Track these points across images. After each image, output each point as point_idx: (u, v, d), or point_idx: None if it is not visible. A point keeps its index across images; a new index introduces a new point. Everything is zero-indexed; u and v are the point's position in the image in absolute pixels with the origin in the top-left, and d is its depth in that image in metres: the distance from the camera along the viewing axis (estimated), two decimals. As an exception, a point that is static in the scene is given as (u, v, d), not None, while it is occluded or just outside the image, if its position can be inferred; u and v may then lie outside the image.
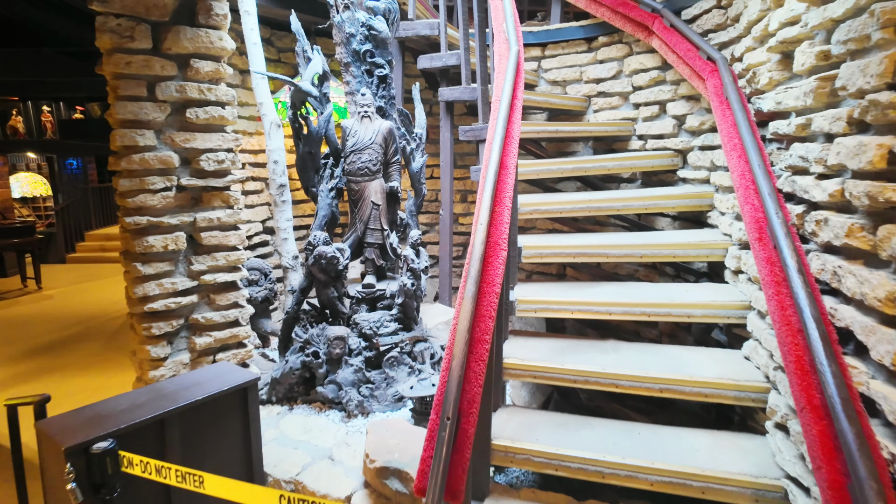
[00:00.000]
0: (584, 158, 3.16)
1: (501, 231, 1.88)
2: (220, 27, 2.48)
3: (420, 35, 3.31)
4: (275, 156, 3.09)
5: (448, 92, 3.29)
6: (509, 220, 1.93)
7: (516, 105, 2.27)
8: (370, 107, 2.87)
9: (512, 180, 2.03)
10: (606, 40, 3.75)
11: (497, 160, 1.99)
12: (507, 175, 2.04)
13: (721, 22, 2.86)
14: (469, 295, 1.66)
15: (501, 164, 2.06)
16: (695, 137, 3.16)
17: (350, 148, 2.83)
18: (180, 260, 2.56)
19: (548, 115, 4.22)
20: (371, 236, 2.89)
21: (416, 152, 2.98)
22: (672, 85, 3.32)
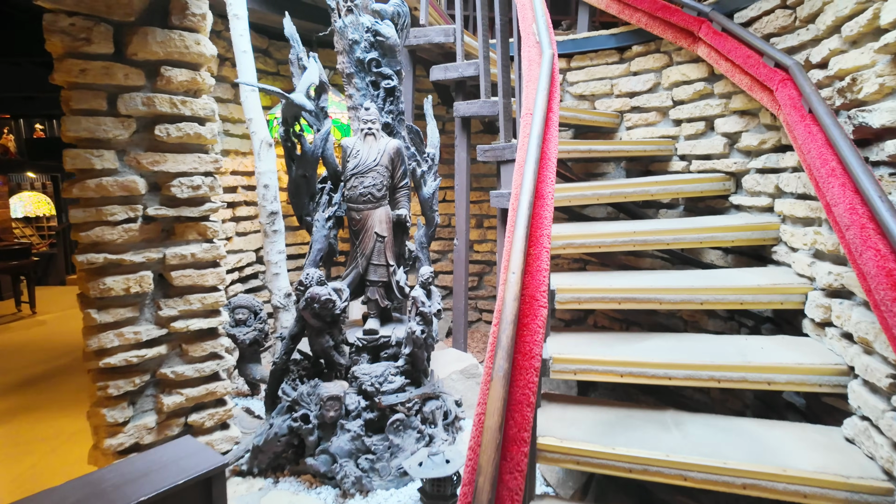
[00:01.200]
0: (623, 182, 2.72)
1: (540, 281, 1.44)
2: (197, 29, 2.09)
3: (433, 43, 2.93)
4: (265, 179, 2.70)
5: (465, 106, 2.89)
6: (548, 264, 1.49)
7: (552, 120, 1.85)
8: (375, 123, 2.46)
9: (550, 214, 1.60)
10: (641, 49, 3.34)
11: (531, 188, 1.56)
12: (544, 207, 1.61)
13: (787, 24, 2.43)
14: (500, 373, 1.22)
15: (537, 194, 1.63)
16: (751, 158, 2.71)
17: (351, 170, 2.42)
18: (146, 304, 2.15)
19: (574, 133, 3.80)
20: (374, 273, 2.46)
21: (427, 175, 2.57)
22: (721, 98, 2.89)
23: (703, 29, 2.77)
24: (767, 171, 2.59)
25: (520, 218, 1.50)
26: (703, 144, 2.98)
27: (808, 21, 2.28)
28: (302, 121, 2.43)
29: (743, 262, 2.75)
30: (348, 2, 2.66)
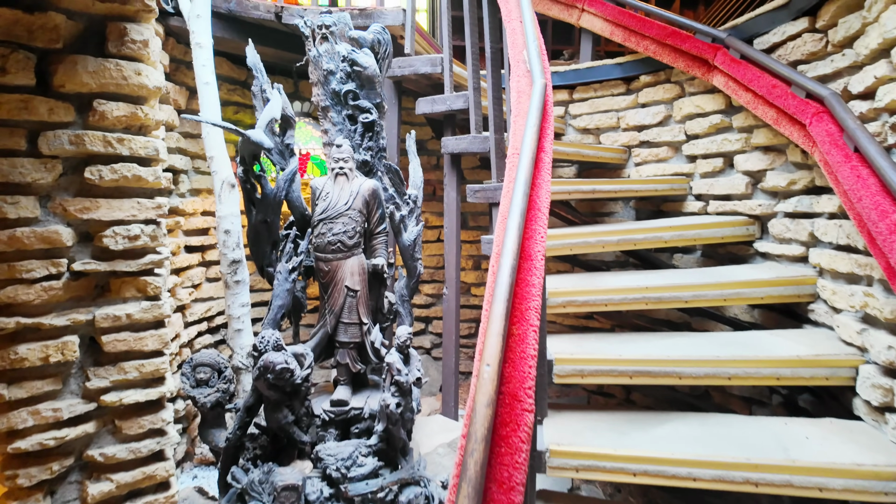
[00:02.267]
0: (632, 227, 2.39)
1: (524, 374, 1.11)
2: (138, 58, 1.83)
3: (419, 73, 2.67)
4: (226, 223, 2.41)
5: (453, 142, 2.60)
6: (535, 349, 1.16)
7: (543, 161, 1.53)
8: (347, 162, 2.17)
9: (539, 279, 1.27)
10: (650, 79, 3.06)
11: (515, 247, 1.24)
12: (531, 271, 1.28)
13: (817, 49, 2.13)
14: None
15: (523, 254, 1.31)
16: (779, 200, 2.38)
17: (319, 215, 2.12)
18: (72, 374, 1.83)
19: (578, 169, 3.51)
20: (344, 333, 2.13)
21: (408, 220, 2.26)
22: (741, 133, 2.58)
23: (718, 57, 2.48)
24: (799, 216, 2.25)
25: (499, 287, 1.17)
26: (722, 183, 2.66)
27: (844, 45, 1.98)
28: (265, 160, 2.15)
29: (772, 319, 2.39)
30: (323, 29, 2.40)
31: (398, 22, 2.70)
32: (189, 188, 2.86)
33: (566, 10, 3.40)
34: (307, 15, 2.70)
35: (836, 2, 1.99)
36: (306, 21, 2.44)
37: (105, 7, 1.76)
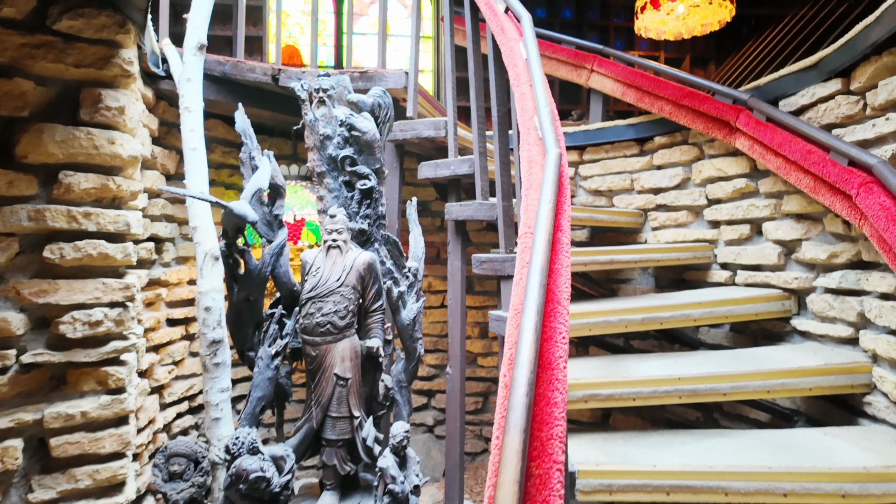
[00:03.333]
0: (657, 304, 2.15)
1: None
2: (114, 125, 1.68)
3: (422, 137, 2.53)
4: (207, 300, 2.19)
5: (457, 209, 2.41)
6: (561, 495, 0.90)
7: (561, 243, 1.33)
8: (342, 234, 1.98)
9: (562, 395, 1.03)
10: (665, 141, 2.90)
11: (531, 357, 1.01)
12: (552, 384, 1.05)
13: (853, 112, 1.96)
14: None
15: (542, 362, 1.08)
16: (818, 274, 2.15)
17: (307, 293, 1.90)
18: (12, 484, 1.57)
19: (589, 232, 3.31)
20: (332, 430, 1.87)
21: (407, 295, 2.04)
22: (769, 199, 2.38)
23: (741, 118, 2.32)
24: (844, 293, 2.01)
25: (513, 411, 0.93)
26: (751, 252, 2.44)
27: (887, 109, 1.80)
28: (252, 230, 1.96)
29: (818, 408, 2.10)
30: (320, 93, 2.27)
31: (400, 85, 2.58)
32: (174, 257, 2.67)
33: (575, 70, 3.30)
34: (305, 77, 2.59)
35: (874, 63, 1.83)
36: (303, 84, 2.32)
37: (80, 73, 1.62)
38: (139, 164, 1.85)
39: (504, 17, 2.09)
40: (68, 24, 1.57)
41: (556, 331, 1.13)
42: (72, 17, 1.56)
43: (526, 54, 1.87)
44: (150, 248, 2.35)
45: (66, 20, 1.56)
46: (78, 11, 1.57)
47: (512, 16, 2.10)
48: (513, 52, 1.95)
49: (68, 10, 1.56)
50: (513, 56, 1.94)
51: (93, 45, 1.60)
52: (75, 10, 1.57)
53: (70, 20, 1.57)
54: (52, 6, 1.55)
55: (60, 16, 1.55)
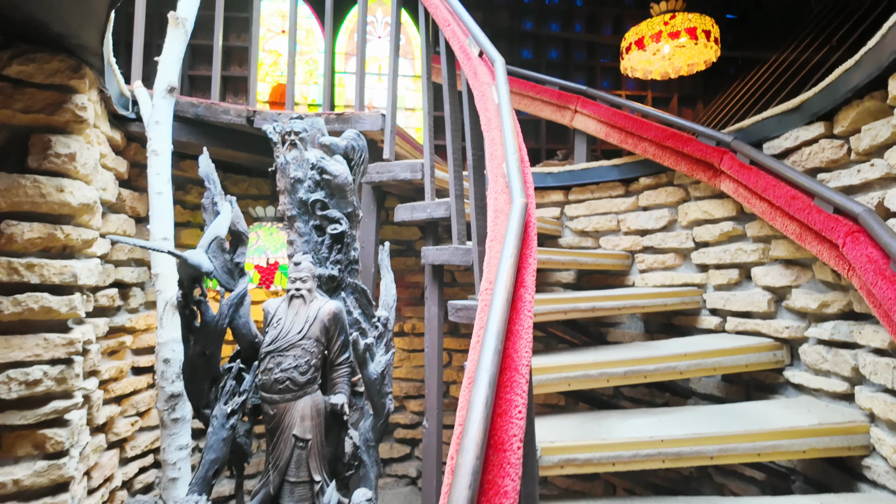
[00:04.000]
0: (641, 356, 2.04)
1: None
2: (63, 172, 1.61)
3: (399, 179, 2.46)
4: (167, 352, 2.09)
5: (434, 253, 2.33)
6: None
7: (524, 301, 1.23)
8: (306, 282, 1.88)
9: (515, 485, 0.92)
10: (650, 182, 2.84)
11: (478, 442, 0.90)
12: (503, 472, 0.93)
13: (837, 157, 1.89)
14: None
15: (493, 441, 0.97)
16: (810, 323, 2.04)
17: (266, 347, 1.80)
18: (-70, 561, 1.43)
19: (576, 274, 3.22)
20: (290, 496, 1.73)
21: (376, 347, 1.93)
22: (757, 243, 2.30)
23: (725, 161, 2.26)
24: (837, 345, 1.90)
25: None
26: (740, 298, 2.34)
27: (872, 154, 1.74)
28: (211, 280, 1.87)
29: (818, 469, 1.96)
30: (292, 135, 2.22)
31: (377, 127, 2.53)
32: (143, 302, 2.58)
33: (559, 111, 3.27)
34: (280, 119, 2.55)
35: (856, 107, 1.77)
36: (275, 127, 2.27)
37: (29, 118, 1.56)
38: (95, 210, 1.77)
39: (478, 61, 2.05)
40: (18, 70, 1.52)
41: (511, 404, 1.03)
42: (22, 62, 1.51)
43: (497, 99, 1.82)
44: (112, 294, 2.26)
45: (17, 65, 1.51)
46: (30, 56, 1.52)
47: (486, 59, 2.06)
48: (485, 96, 1.90)
49: (19, 55, 1.52)
50: (485, 100, 1.89)
51: (44, 91, 1.55)
52: (27, 56, 1.52)
53: (20, 65, 1.52)
54: (3, 51, 1.50)
55: (10, 61, 1.51)
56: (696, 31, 3.57)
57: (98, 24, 1.36)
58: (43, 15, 1.31)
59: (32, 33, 1.45)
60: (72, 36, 1.45)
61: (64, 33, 1.43)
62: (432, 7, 2.35)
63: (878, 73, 1.60)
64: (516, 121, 1.82)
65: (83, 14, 1.30)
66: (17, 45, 1.51)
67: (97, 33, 1.42)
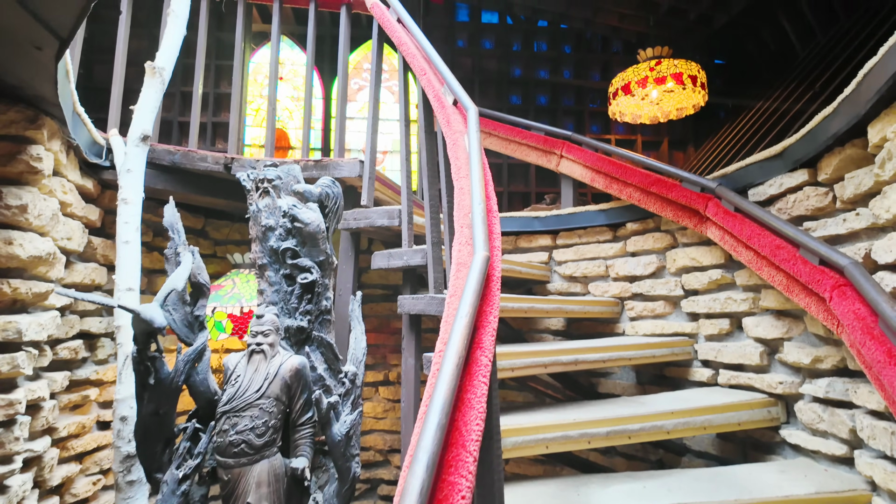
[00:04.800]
0: (625, 414, 1.92)
1: None
2: (14, 224, 1.56)
3: (376, 226, 2.41)
4: (124, 409, 1.99)
5: (410, 302, 2.25)
6: None
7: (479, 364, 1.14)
8: (268, 335, 1.80)
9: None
10: (637, 227, 2.77)
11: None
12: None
13: (823, 205, 1.82)
14: None
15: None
16: (805, 379, 1.93)
17: (222, 406, 1.70)
18: None
19: (566, 320, 3.11)
20: (242, 573, 1.60)
21: (342, 406, 1.82)
22: (747, 292, 2.21)
23: (710, 208, 2.19)
24: (833, 404, 1.78)
25: None
26: (732, 350, 2.23)
27: (857, 203, 1.66)
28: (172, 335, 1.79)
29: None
30: (265, 183, 2.19)
31: (355, 173, 2.50)
32: (111, 353, 2.49)
33: (545, 156, 3.24)
34: (257, 166, 2.52)
35: (838, 155, 1.71)
36: (249, 174, 2.24)
37: (-19, 170, 1.51)
38: (52, 261, 1.71)
39: (452, 109, 2.02)
40: (-29, 121, 1.49)
41: (454, 489, 0.92)
42: (-24, 113, 1.49)
43: (468, 147, 1.78)
44: (75, 346, 2.18)
45: (-30, 117, 1.49)
46: (-17, 108, 1.50)
47: (461, 107, 2.03)
48: (457, 144, 1.86)
49: (-26, 107, 1.49)
50: (457, 148, 1.85)
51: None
52: (-19, 107, 1.49)
53: (-26, 117, 1.49)
54: (-44, 104, 1.48)
55: (-36, 113, 1.48)
56: (682, 77, 3.58)
57: (49, 76, 1.33)
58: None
59: (-13, 85, 1.43)
60: (27, 87, 1.43)
61: (18, 85, 1.41)
62: (410, 56, 2.35)
63: (856, 120, 1.55)
64: (487, 169, 1.77)
65: (32, 67, 1.27)
66: (-27, 96, 1.49)
67: (51, 85, 1.39)
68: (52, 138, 1.70)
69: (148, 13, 4.82)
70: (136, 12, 2.75)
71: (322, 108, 6.32)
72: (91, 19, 5.04)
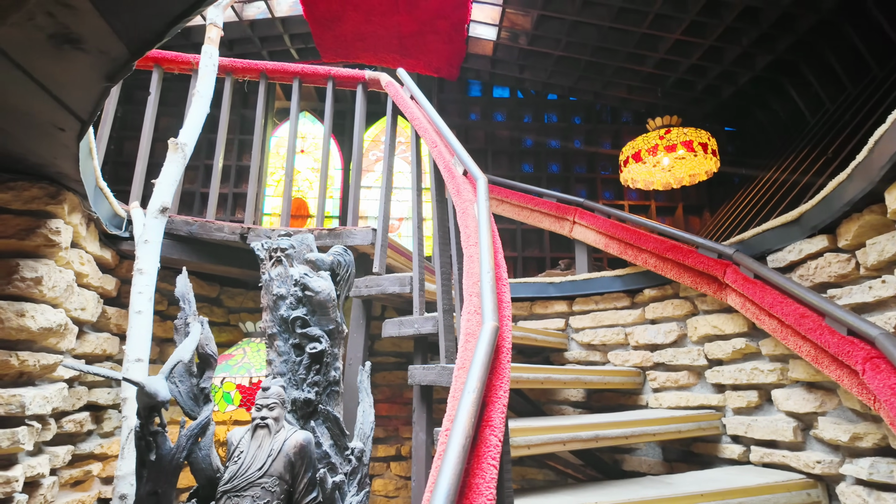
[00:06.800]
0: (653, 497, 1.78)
1: None
2: (27, 296, 1.58)
3: (388, 293, 2.40)
4: (124, 486, 1.91)
5: (421, 372, 2.18)
6: None
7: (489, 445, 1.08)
8: (273, 409, 1.75)
9: None
10: (656, 293, 2.71)
11: None
12: None
13: (846, 272, 1.76)
14: None
15: None
16: (845, 459, 1.78)
17: (223, 486, 1.62)
18: None
19: (586, 392, 2.99)
20: None
21: (348, 486, 1.73)
22: (774, 362, 2.10)
23: (728, 274, 2.14)
24: (879, 488, 1.63)
25: None
26: (763, 425, 2.09)
27: (882, 270, 1.60)
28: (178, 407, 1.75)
29: None
30: (278, 252, 2.20)
31: (367, 242, 2.52)
32: (118, 425, 2.44)
33: (558, 222, 3.25)
34: (273, 236, 2.56)
35: (857, 221, 1.67)
36: (263, 244, 2.27)
37: (0, 244, 1.55)
38: (63, 333, 1.71)
39: (462, 179, 2.06)
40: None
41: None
42: (1, 190, 1.55)
43: (477, 215, 1.78)
44: (81, 419, 2.14)
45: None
46: (9, 185, 1.56)
47: (470, 177, 2.06)
48: (466, 212, 1.87)
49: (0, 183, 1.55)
50: (466, 217, 1.86)
51: (18, 217, 1.57)
52: (6, 184, 1.55)
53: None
54: (-18, 180, 1.54)
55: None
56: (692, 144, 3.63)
57: (71, 155, 1.39)
58: (17, 148, 1.35)
59: (14, 164, 1.49)
60: (49, 165, 1.49)
61: (41, 163, 1.47)
62: (422, 130, 2.43)
63: (871, 187, 1.52)
64: (497, 237, 1.76)
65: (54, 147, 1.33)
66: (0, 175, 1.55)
67: (72, 163, 1.45)
68: (72, 212, 1.75)
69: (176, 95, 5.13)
70: (165, 94, 2.92)
71: (341, 178, 6.52)
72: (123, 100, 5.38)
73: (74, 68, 0.99)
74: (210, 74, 2.58)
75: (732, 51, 4.71)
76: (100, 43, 0.90)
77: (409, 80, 2.70)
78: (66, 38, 0.87)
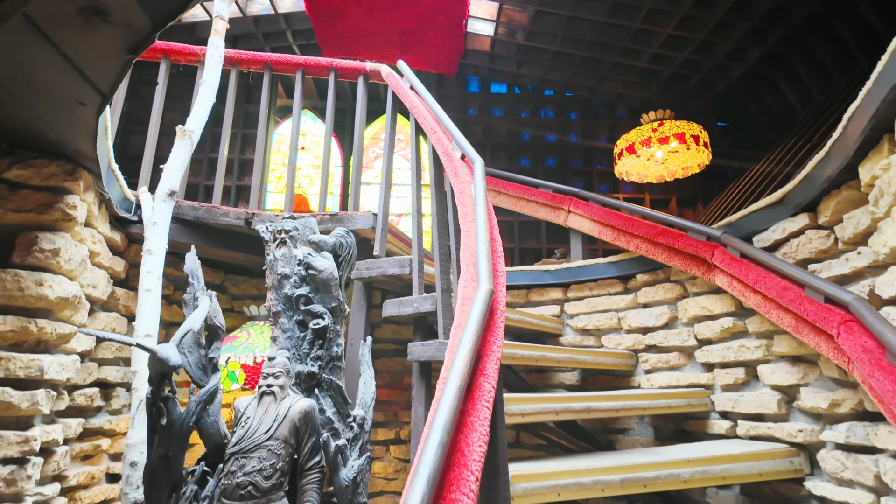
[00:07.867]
0: (640, 462, 1.86)
1: None
2: (46, 267, 1.66)
3: (388, 275, 2.48)
4: (134, 454, 1.99)
5: (419, 349, 2.26)
6: None
7: (479, 400, 1.16)
8: (279, 377, 1.83)
9: None
10: (648, 278, 2.79)
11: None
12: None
13: (826, 247, 1.84)
14: None
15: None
16: (825, 426, 1.87)
17: (231, 448, 1.70)
18: None
19: (581, 374, 3.07)
20: None
21: (350, 450, 1.81)
22: (760, 339, 2.18)
23: (716, 255, 2.23)
24: (855, 450, 1.72)
25: None
26: (749, 399, 2.18)
27: (857, 242, 1.69)
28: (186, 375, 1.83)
29: None
30: (282, 234, 2.29)
31: (368, 225, 2.60)
32: (126, 403, 2.52)
33: (553, 211, 3.34)
34: (277, 220, 2.64)
35: (835, 197, 1.76)
36: (268, 227, 2.35)
37: (20, 217, 1.64)
38: (78, 306, 1.79)
39: (459, 163, 2.14)
40: (17, 174, 1.63)
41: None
42: (21, 166, 1.63)
43: (474, 194, 1.87)
44: (91, 394, 2.22)
45: (16, 170, 1.63)
46: (29, 162, 1.64)
47: (467, 160, 2.15)
48: (464, 192, 1.96)
49: (20, 160, 1.63)
50: (463, 197, 1.94)
51: (37, 192, 1.65)
52: (26, 161, 1.64)
53: (19, 170, 1.63)
54: (5, 158, 1.62)
55: (10, 166, 1.62)
56: (685, 137, 3.72)
57: (89, 132, 1.47)
58: (38, 124, 1.43)
59: (33, 141, 1.58)
60: (68, 143, 1.57)
61: (60, 140, 1.56)
62: (421, 118, 2.52)
63: (847, 162, 1.61)
64: (493, 215, 1.85)
65: (74, 122, 1.42)
66: (21, 152, 1.64)
67: (90, 140, 1.54)
68: (87, 190, 1.83)
69: (181, 90, 5.22)
70: (170, 89, 3.00)
71: (341, 175, 6.61)
72: (130, 96, 5.47)
73: (99, 41, 1.07)
74: (216, 65, 2.66)
75: (724, 45, 4.80)
76: (125, 15, 0.98)
77: (409, 71, 2.79)
78: (95, 11, 0.95)
